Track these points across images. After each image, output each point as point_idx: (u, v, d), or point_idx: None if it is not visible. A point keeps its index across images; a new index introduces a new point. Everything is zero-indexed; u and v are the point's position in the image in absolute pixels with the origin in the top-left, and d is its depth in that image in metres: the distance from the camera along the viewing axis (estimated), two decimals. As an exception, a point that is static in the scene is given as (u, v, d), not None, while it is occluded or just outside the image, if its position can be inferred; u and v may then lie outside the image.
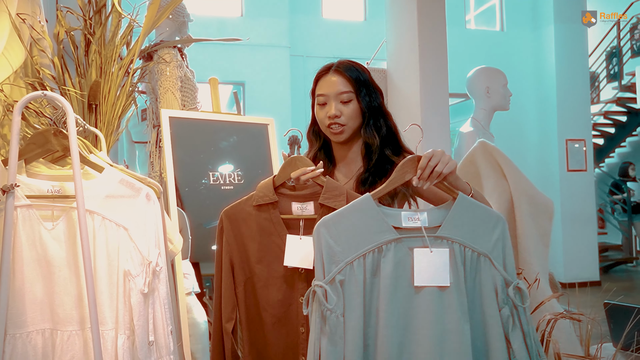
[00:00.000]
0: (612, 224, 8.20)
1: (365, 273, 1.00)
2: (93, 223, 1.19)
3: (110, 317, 1.19)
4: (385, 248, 1.00)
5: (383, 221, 1.01)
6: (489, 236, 1.02)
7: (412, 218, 1.02)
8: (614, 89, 8.18)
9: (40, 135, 1.25)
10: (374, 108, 1.34)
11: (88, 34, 1.84)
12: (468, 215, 1.02)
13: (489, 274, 1.00)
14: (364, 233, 1.01)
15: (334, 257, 1.00)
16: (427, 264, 0.99)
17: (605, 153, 8.36)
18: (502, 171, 2.05)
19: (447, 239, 1.01)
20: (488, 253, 1.01)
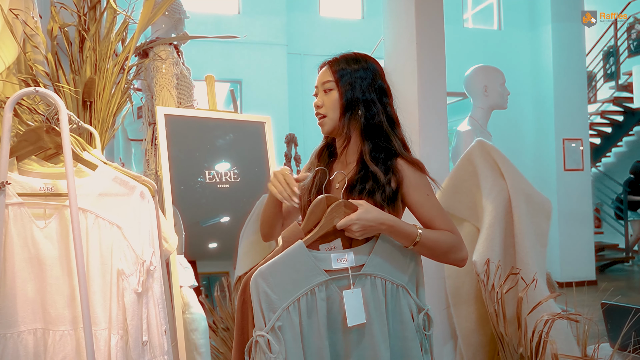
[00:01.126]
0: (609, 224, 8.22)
1: (300, 316, 1.08)
2: (86, 221, 1.18)
3: (103, 317, 1.17)
4: (317, 289, 1.10)
5: (315, 266, 1.11)
6: (405, 269, 1.18)
7: (340, 259, 1.14)
8: (611, 89, 8.19)
9: (33, 133, 1.23)
10: (355, 99, 1.26)
11: (82, 30, 1.81)
12: (388, 251, 1.17)
13: (406, 302, 1.16)
14: (297, 279, 1.09)
15: (272, 305, 1.07)
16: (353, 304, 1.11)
17: (602, 152, 8.38)
18: (500, 170, 2.04)
19: (370, 275, 1.14)
20: (404, 284, 1.17)
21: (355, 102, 1.27)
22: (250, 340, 1.08)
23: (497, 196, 1.97)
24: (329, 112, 1.29)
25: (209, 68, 3.09)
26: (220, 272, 2.08)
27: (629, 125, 8.08)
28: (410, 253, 1.19)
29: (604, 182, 8.42)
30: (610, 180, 8.28)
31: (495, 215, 1.93)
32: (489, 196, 1.98)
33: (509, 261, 1.96)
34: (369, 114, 1.27)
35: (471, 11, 8.30)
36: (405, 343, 1.15)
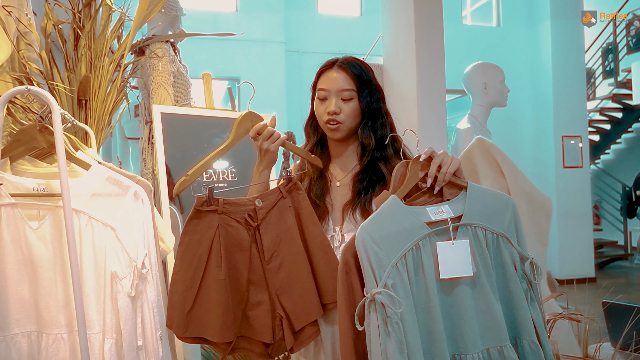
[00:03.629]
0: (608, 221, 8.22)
1: (408, 272, 1.04)
2: (79, 222, 1.16)
3: (97, 321, 1.15)
4: (422, 244, 1.05)
5: (415, 219, 1.06)
6: (503, 217, 1.10)
7: (437, 212, 1.08)
8: (610, 86, 8.19)
9: (25, 132, 1.21)
10: (374, 109, 1.32)
11: (77, 27, 1.79)
12: (483, 201, 1.10)
13: (508, 252, 1.09)
14: (401, 233, 1.05)
15: (381, 262, 1.02)
16: (451, 257, 1.06)
17: (601, 149, 8.38)
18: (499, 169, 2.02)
19: (471, 225, 1.08)
20: (505, 233, 1.09)
21: (376, 112, 1.33)
22: (362, 301, 1.00)
23: (497, 194, 1.96)
24: (347, 120, 1.30)
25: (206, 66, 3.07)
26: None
27: (628, 122, 8.08)
28: (505, 200, 1.12)
29: (603, 179, 8.43)
30: (609, 177, 8.29)
31: (495, 214, 1.91)
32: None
33: (509, 260, 1.94)
34: (382, 122, 1.33)
35: (470, 8, 8.28)
36: (510, 295, 1.09)
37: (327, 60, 1.36)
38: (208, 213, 1.18)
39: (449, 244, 1.05)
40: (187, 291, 1.18)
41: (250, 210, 1.22)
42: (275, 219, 1.25)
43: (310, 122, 1.41)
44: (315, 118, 1.38)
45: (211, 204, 1.18)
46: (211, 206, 1.18)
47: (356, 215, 1.28)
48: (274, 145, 1.26)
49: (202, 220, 1.18)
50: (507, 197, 1.12)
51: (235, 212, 1.21)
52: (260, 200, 1.23)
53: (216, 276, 1.18)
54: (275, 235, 1.24)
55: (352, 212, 1.29)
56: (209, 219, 1.19)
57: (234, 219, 1.21)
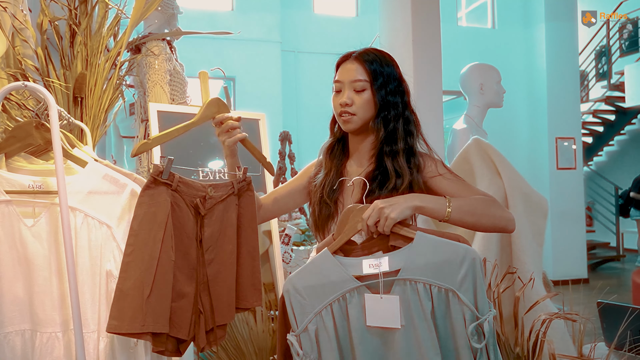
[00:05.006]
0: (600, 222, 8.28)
1: (334, 319, 1.08)
2: (75, 220, 1.15)
3: (92, 319, 1.14)
4: (349, 296, 1.07)
5: (343, 272, 1.08)
6: (455, 271, 1.03)
7: (372, 264, 1.07)
8: (603, 88, 8.25)
9: (21, 129, 1.19)
10: (389, 101, 1.27)
11: (73, 24, 1.77)
12: (430, 253, 1.04)
13: (458, 308, 1.03)
14: (327, 285, 1.08)
15: (304, 309, 1.09)
16: (379, 309, 1.06)
17: (594, 151, 8.44)
18: (496, 169, 2.03)
19: (410, 280, 1.04)
20: (455, 289, 1.03)
21: (387, 105, 1.28)
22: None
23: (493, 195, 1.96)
24: (359, 111, 1.27)
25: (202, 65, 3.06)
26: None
27: (620, 125, 8.14)
28: (463, 253, 1.04)
29: (596, 180, 8.49)
30: (602, 179, 8.35)
31: (491, 214, 1.92)
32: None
33: (505, 260, 1.95)
34: (396, 116, 1.28)
35: (465, 9, 8.31)
36: (458, 352, 1.03)
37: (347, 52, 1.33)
38: (162, 185, 1.12)
39: (377, 297, 1.05)
40: (145, 272, 1.07)
41: (201, 196, 1.18)
42: (220, 212, 1.21)
43: (333, 117, 1.38)
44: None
45: (167, 177, 1.12)
46: (166, 180, 1.12)
47: None
48: (229, 140, 1.25)
49: (156, 191, 1.12)
50: (466, 250, 1.03)
51: (187, 193, 1.16)
52: (212, 189, 1.20)
53: (170, 257, 1.11)
54: (216, 228, 1.21)
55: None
56: (163, 192, 1.12)
57: (185, 200, 1.16)
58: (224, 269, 1.21)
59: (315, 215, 1.33)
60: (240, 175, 1.26)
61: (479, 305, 1.02)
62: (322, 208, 1.30)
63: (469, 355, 1.02)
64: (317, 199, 1.32)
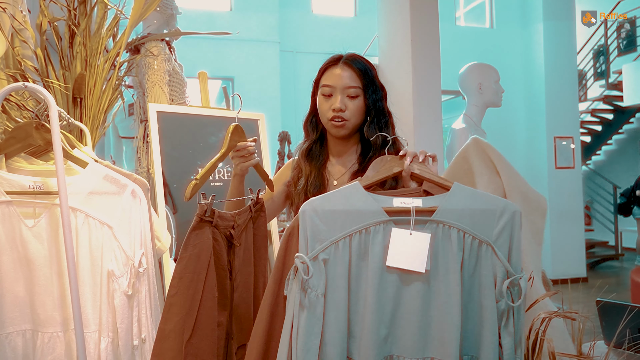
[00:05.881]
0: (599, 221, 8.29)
1: (351, 254, 0.96)
2: (76, 221, 1.15)
3: (93, 319, 1.15)
4: (374, 230, 0.95)
5: (373, 202, 0.96)
6: (493, 223, 0.95)
7: (404, 202, 0.97)
8: (601, 87, 8.26)
9: (21, 129, 1.20)
10: (379, 107, 1.32)
11: (72, 25, 1.77)
12: (468, 201, 0.96)
13: (490, 263, 0.95)
14: (352, 214, 0.96)
15: (319, 235, 0.95)
16: (404, 247, 0.94)
17: (592, 150, 8.45)
18: (495, 168, 2.03)
19: (444, 224, 0.95)
20: (491, 241, 0.95)
21: (378, 111, 1.32)
22: (291, 268, 0.95)
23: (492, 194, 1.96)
24: (352, 117, 1.31)
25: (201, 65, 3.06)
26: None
27: (618, 124, 8.16)
28: (502, 207, 0.96)
29: (594, 179, 8.50)
30: (600, 178, 8.36)
31: (490, 213, 1.92)
32: (484, 194, 1.97)
33: (504, 259, 1.95)
34: (386, 122, 1.33)
35: (463, 9, 8.32)
36: (481, 311, 0.95)
37: (331, 56, 1.34)
38: (207, 224, 1.12)
39: (406, 232, 0.93)
40: (187, 315, 1.07)
41: (231, 226, 1.17)
42: (243, 239, 1.22)
43: (310, 119, 1.40)
44: (315, 115, 1.37)
45: (211, 214, 1.13)
46: (209, 217, 1.13)
47: None
48: (244, 164, 1.27)
49: (202, 232, 1.12)
50: (509, 203, 0.96)
51: (222, 226, 1.16)
52: (238, 217, 1.20)
53: (213, 295, 1.11)
54: (241, 255, 1.22)
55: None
56: (207, 231, 1.12)
57: (221, 233, 1.16)
58: (246, 291, 1.21)
59: None
60: (254, 197, 1.27)
61: (513, 262, 0.95)
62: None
63: (493, 315, 0.95)
64: (302, 200, 1.31)
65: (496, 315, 0.95)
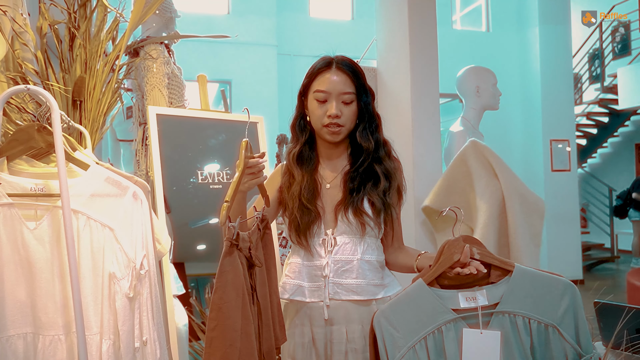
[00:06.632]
0: (594, 224, 8.33)
1: (428, 355, 1.01)
2: (77, 223, 1.15)
3: (94, 322, 1.14)
4: (445, 329, 1.02)
5: (439, 303, 1.02)
6: (556, 305, 0.99)
7: (469, 298, 1.02)
8: (596, 91, 8.32)
9: (23, 132, 1.20)
10: (370, 111, 1.33)
11: (72, 27, 1.78)
12: (529, 286, 1.00)
13: (559, 345, 0.98)
14: (422, 317, 1.02)
15: (396, 343, 1.02)
16: (477, 346, 0.99)
17: (588, 153, 8.50)
18: (493, 170, 2.05)
19: (509, 313, 1.00)
20: (556, 324, 0.99)
21: (371, 116, 1.33)
22: None
23: (491, 196, 1.98)
24: (347, 123, 1.30)
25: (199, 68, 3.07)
26: (209, 274, 2.05)
27: (614, 127, 8.21)
28: (562, 286, 1.01)
29: (590, 182, 8.54)
30: (596, 181, 8.40)
31: (489, 215, 1.94)
32: (482, 196, 1.98)
33: (503, 261, 1.96)
34: (377, 126, 1.35)
35: (459, 13, 8.36)
36: None
37: (321, 59, 1.33)
38: (234, 247, 1.08)
39: (477, 332, 0.99)
40: (230, 347, 1.03)
41: (248, 247, 1.14)
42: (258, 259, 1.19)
43: (298, 122, 1.38)
44: (303, 118, 1.36)
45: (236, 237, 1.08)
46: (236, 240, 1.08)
47: (348, 215, 1.27)
48: (252, 182, 1.21)
49: (232, 257, 1.07)
50: (567, 283, 1.00)
51: (244, 248, 1.12)
52: (251, 236, 1.16)
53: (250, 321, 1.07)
54: (260, 279, 1.19)
55: (344, 212, 1.28)
56: (236, 255, 1.08)
57: (243, 255, 1.12)
58: (265, 313, 1.19)
59: (296, 221, 1.32)
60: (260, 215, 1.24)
61: (582, 342, 0.98)
62: (303, 214, 1.30)
63: None
64: (297, 205, 1.31)
65: None
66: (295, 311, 1.33)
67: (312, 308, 1.29)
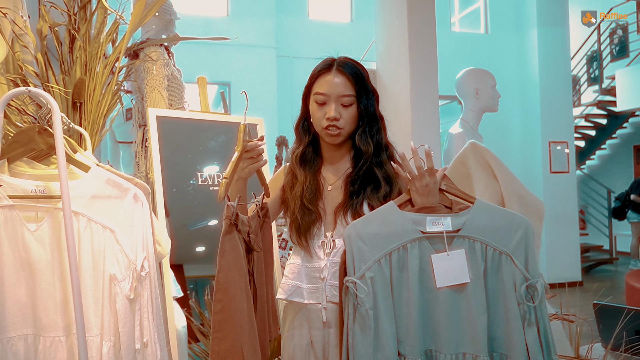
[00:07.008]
0: (593, 225, 8.34)
1: (391, 269, 1.11)
2: (78, 225, 1.15)
3: (95, 323, 1.14)
4: (410, 246, 1.11)
5: (408, 223, 1.12)
6: (510, 236, 1.10)
7: (436, 223, 1.11)
8: (595, 93, 8.34)
9: (24, 134, 1.20)
10: (371, 114, 1.32)
11: (73, 30, 1.78)
12: (488, 217, 1.12)
13: (510, 271, 1.09)
14: (390, 234, 1.11)
15: (363, 256, 1.11)
16: (446, 267, 1.09)
17: (586, 155, 8.52)
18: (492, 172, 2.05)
19: (468, 238, 1.10)
20: (509, 252, 1.09)
21: (371, 119, 1.32)
22: (343, 286, 1.11)
23: (490, 197, 1.98)
24: (346, 126, 1.30)
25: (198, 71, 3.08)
26: (208, 276, 2.05)
27: (612, 128, 8.23)
28: (517, 221, 1.12)
29: (588, 184, 8.56)
30: (595, 183, 8.42)
31: (488, 217, 1.94)
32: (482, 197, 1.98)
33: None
34: (378, 129, 1.33)
35: (458, 15, 8.37)
36: (506, 313, 1.10)
37: (323, 61, 1.33)
38: (234, 228, 1.09)
39: (444, 255, 1.09)
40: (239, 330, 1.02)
41: (247, 232, 1.14)
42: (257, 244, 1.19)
43: (301, 123, 1.38)
44: (306, 119, 1.36)
45: (236, 217, 1.07)
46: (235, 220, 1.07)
47: (348, 219, 1.27)
48: (252, 166, 1.21)
49: (232, 236, 1.07)
50: (522, 218, 1.11)
51: (243, 230, 1.12)
52: (251, 221, 1.16)
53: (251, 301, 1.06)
54: (256, 261, 1.19)
55: (343, 215, 1.28)
56: (235, 235, 1.08)
57: (242, 238, 1.12)
58: (260, 302, 1.19)
59: (297, 222, 1.32)
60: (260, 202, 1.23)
61: (530, 269, 1.09)
62: (304, 215, 1.30)
63: (517, 316, 1.07)
64: (298, 206, 1.32)
65: (519, 316, 1.08)
66: (294, 313, 1.33)
67: (310, 310, 1.29)
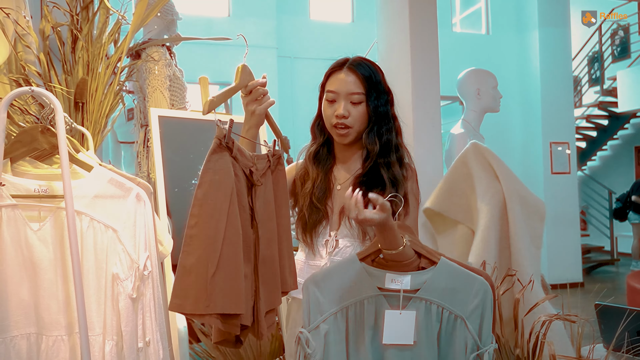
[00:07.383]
0: (594, 226, 8.33)
1: (347, 323, 1.13)
2: (81, 224, 1.15)
3: (97, 322, 1.15)
4: (367, 302, 1.13)
5: (367, 279, 1.13)
6: (468, 301, 1.11)
7: (395, 280, 1.12)
8: (596, 93, 8.33)
9: (27, 134, 1.20)
10: (381, 113, 1.30)
11: (75, 30, 1.79)
12: (449, 279, 1.12)
13: (462, 335, 1.10)
14: (348, 289, 1.13)
15: (320, 307, 1.13)
16: (397, 325, 1.11)
17: (587, 156, 8.51)
18: (494, 172, 2.05)
19: (426, 300, 1.12)
20: (465, 316, 1.11)
21: (380, 118, 1.30)
22: (295, 337, 1.14)
23: (492, 198, 1.99)
24: (355, 124, 1.29)
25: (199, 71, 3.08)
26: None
27: (613, 129, 8.22)
28: (478, 285, 1.12)
29: (590, 185, 8.55)
30: (596, 183, 8.41)
31: (490, 217, 1.95)
32: (483, 198, 1.99)
33: (504, 263, 1.97)
34: (388, 129, 1.31)
35: (459, 15, 8.37)
36: None
37: (337, 60, 1.33)
38: (226, 151, 1.01)
39: (397, 313, 1.11)
40: (210, 247, 0.94)
41: (250, 168, 1.08)
42: (263, 187, 1.12)
43: (317, 122, 1.39)
44: (322, 119, 1.36)
45: (230, 143, 1.01)
46: (228, 144, 1.00)
47: (351, 220, 1.27)
48: (261, 108, 1.18)
49: (222, 157, 0.99)
50: (483, 283, 1.11)
51: (242, 162, 1.05)
52: (257, 160, 1.11)
53: (238, 230, 0.97)
54: (262, 203, 1.11)
55: (347, 216, 1.28)
56: (227, 158, 1.00)
57: (242, 169, 1.05)
58: (269, 248, 1.12)
59: (304, 219, 1.32)
60: (271, 148, 1.18)
61: (483, 336, 1.10)
62: (311, 212, 1.30)
63: None
64: (307, 203, 1.32)
65: None
66: (297, 310, 1.33)
67: None
